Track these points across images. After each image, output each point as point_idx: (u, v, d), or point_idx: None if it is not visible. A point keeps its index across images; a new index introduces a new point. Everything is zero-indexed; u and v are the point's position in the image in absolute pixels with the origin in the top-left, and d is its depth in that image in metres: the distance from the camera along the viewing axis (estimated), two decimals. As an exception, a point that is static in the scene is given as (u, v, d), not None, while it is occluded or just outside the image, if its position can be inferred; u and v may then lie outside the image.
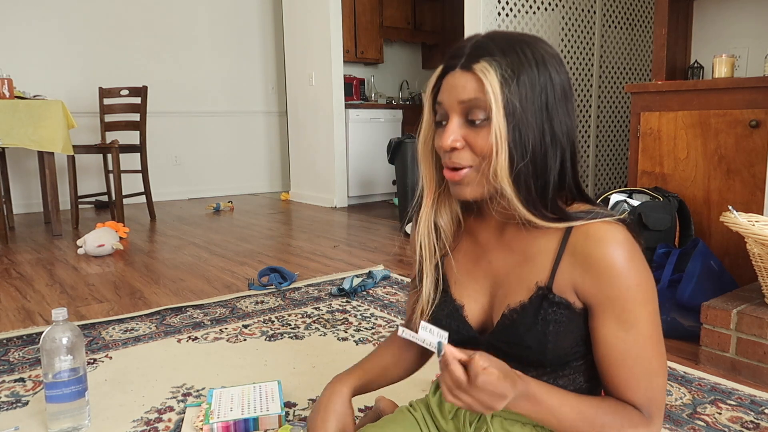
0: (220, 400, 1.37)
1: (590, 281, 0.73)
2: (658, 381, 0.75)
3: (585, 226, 0.74)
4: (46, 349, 1.26)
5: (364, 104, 5.32)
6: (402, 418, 0.95)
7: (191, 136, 5.55)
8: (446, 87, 0.75)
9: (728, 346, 1.61)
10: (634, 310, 0.72)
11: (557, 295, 0.76)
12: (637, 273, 0.72)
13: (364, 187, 5.24)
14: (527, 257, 0.79)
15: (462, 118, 0.74)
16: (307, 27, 4.98)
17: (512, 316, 0.79)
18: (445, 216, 0.86)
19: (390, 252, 3.16)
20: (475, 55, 0.72)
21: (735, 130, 2.17)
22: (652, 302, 0.73)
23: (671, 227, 2.18)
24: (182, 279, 2.64)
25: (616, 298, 0.72)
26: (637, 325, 0.72)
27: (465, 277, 0.86)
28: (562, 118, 0.74)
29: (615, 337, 0.73)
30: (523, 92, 0.71)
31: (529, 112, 0.71)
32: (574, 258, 0.74)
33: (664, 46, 2.50)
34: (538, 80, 0.72)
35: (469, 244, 0.87)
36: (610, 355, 0.74)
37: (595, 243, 0.72)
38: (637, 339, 0.73)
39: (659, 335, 0.74)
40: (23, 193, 4.73)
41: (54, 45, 4.76)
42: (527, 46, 0.73)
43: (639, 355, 0.73)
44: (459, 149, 0.74)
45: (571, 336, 0.77)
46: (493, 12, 3.41)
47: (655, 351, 0.74)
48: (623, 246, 0.71)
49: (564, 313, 0.76)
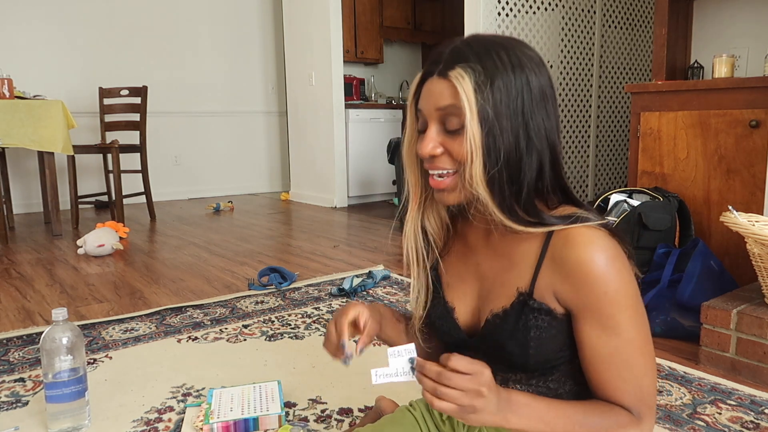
0: (220, 400, 1.37)
1: (569, 287, 0.73)
2: (646, 381, 0.74)
3: (565, 231, 0.73)
4: (46, 349, 1.26)
5: (364, 104, 5.32)
6: (402, 418, 0.96)
7: (191, 136, 5.55)
8: (425, 94, 0.77)
9: (728, 346, 1.61)
10: (615, 315, 0.71)
11: (538, 300, 0.76)
12: (616, 278, 0.71)
13: (364, 187, 5.24)
14: (512, 261, 0.79)
15: (440, 125, 0.75)
16: (307, 27, 4.98)
17: (495, 321, 0.79)
18: (433, 220, 0.87)
19: (390, 252, 3.16)
20: (452, 61, 0.73)
21: (735, 130, 2.17)
22: (633, 306, 0.72)
23: (671, 227, 2.18)
24: (182, 279, 2.64)
25: (596, 303, 0.71)
26: (619, 328, 0.72)
27: (456, 279, 0.87)
28: (539, 121, 0.74)
29: (597, 340, 0.73)
30: (498, 97, 0.71)
31: (503, 117, 0.71)
32: (553, 263, 0.74)
33: (664, 46, 2.50)
34: (513, 84, 0.72)
35: (459, 247, 0.88)
36: (594, 358, 0.74)
37: (573, 248, 0.72)
38: (620, 342, 0.72)
39: (645, 336, 0.74)
40: (23, 193, 4.73)
41: (54, 45, 4.76)
42: (504, 50, 0.73)
43: (624, 358, 0.73)
44: (438, 156, 0.76)
45: (554, 341, 0.77)
46: (493, 12, 3.41)
47: (640, 352, 0.73)
48: (602, 250, 0.71)
49: (545, 318, 0.75)
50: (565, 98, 3.86)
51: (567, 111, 3.90)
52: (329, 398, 1.46)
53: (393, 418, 0.96)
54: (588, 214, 0.75)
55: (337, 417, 1.37)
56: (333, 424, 1.34)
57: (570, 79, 3.86)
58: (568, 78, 3.85)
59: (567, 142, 3.93)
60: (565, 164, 3.89)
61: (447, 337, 0.88)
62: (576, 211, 0.76)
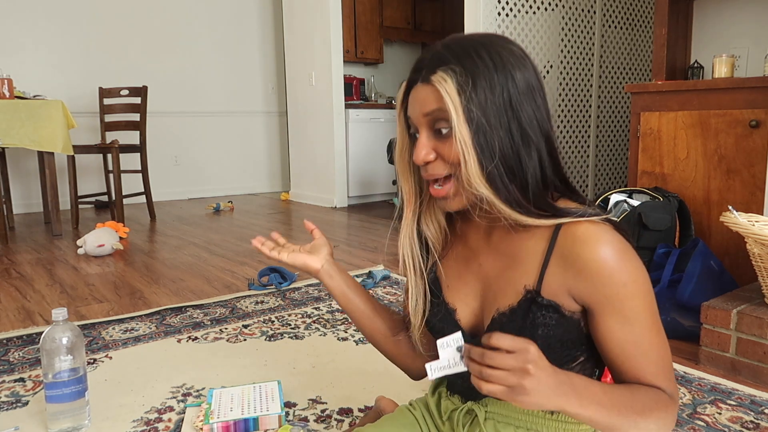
0: (220, 400, 1.37)
1: (585, 283, 0.73)
2: (667, 358, 0.76)
3: (572, 228, 0.73)
4: (46, 349, 1.26)
5: (364, 104, 5.32)
6: (402, 417, 0.96)
7: (191, 136, 5.55)
8: (411, 101, 0.78)
9: (728, 346, 1.61)
10: (634, 305, 0.72)
11: (546, 298, 0.76)
12: (629, 268, 0.72)
13: (364, 187, 5.24)
14: (516, 260, 0.79)
15: (430, 131, 0.76)
16: (307, 27, 4.98)
17: (501, 320, 0.79)
18: (431, 225, 0.88)
19: (390, 252, 3.16)
20: (433, 66, 0.74)
21: (735, 130, 2.17)
22: (649, 293, 0.74)
23: (671, 227, 2.18)
24: (182, 279, 2.64)
25: (614, 296, 0.72)
26: (640, 316, 0.73)
27: (456, 280, 0.87)
28: (530, 112, 0.74)
29: (621, 332, 0.74)
30: (482, 95, 0.71)
31: (491, 114, 0.72)
32: (564, 261, 0.74)
33: (664, 46, 2.50)
34: (497, 81, 0.72)
35: (459, 248, 0.87)
36: (621, 349, 0.74)
37: (584, 244, 0.72)
38: (643, 329, 0.73)
39: (659, 322, 0.76)
40: (23, 193, 4.73)
41: (54, 45, 4.76)
42: (483, 48, 0.73)
43: (648, 342, 0.74)
44: (432, 161, 0.76)
45: (562, 340, 0.77)
46: (493, 12, 3.41)
47: (657, 331, 0.75)
48: (612, 244, 0.71)
49: (553, 316, 0.75)
50: (565, 98, 3.86)
51: (567, 111, 3.89)
52: (329, 398, 1.46)
53: (393, 418, 0.96)
54: (592, 209, 0.75)
55: (337, 417, 1.37)
56: (333, 424, 1.34)
57: (570, 79, 3.86)
58: (568, 78, 3.85)
59: (567, 142, 3.93)
60: (565, 164, 3.90)
61: None
62: (580, 207, 0.76)
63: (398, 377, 1.56)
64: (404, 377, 1.04)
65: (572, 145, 3.97)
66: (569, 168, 3.98)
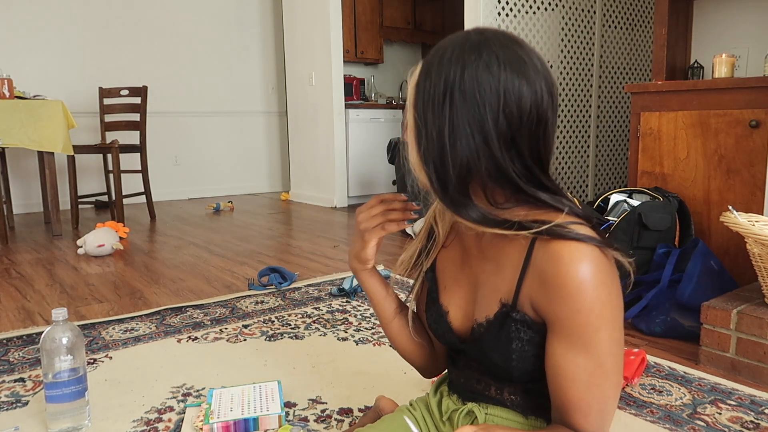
0: (220, 400, 1.37)
1: (544, 297, 0.70)
2: (609, 406, 0.71)
3: (548, 241, 0.70)
4: (46, 349, 1.26)
5: (364, 104, 5.32)
6: (402, 417, 0.96)
7: (191, 136, 5.55)
8: None
9: (728, 346, 1.61)
10: (587, 334, 0.68)
11: (521, 312, 0.74)
12: (592, 296, 0.67)
13: (364, 187, 5.24)
14: (499, 266, 0.78)
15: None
16: (307, 27, 4.98)
17: (480, 330, 0.79)
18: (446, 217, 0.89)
19: (390, 252, 3.16)
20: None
21: (735, 130, 2.17)
22: (610, 327, 0.68)
23: (671, 227, 2.18)
24: (182, 279, 2.64)
25: (567, 319, 0.68)
26: (589, 349, 0.68)
27: (452, 282, 0.87)
28: (471, 110, 0.69)
29: (563, 357, 0.69)
30: (428, 86, 0.72)
31: (429, 108, 0.72)
32: (534, 272, 0.72)
33: (664, 46, 2.50)
34: (449, 74, 0.70)
35: (458, 249, 0.88)
36: (558, 375, 0.70)
37: (553, 259, 0.69)
38: (587, 363, 0.68)
39: (616, 360, 0.70)
40: (23, 193, 4.73)
41: (54, 45, 4.76)
42: (452, 46, 0.72)
43: (588, 380, 0.69)
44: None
45: (537, 355, 0.74)
46: (493, 12, 3.41)
47: (608, 375, 0.69)
48: (584, 266, 0.67)
49: (527, 331, 0.74)
50: (565, 98, 3.86)
51: (567, 111, 3.89)
52: (329, 398, 1.46)
53: (393, 418, 0.96)
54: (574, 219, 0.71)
55: (337, 417, 1.37)
56: (333, 424, 1.34)
57: (570, 79, 3.86)
58: (568, 78, 3.85)
59: (567, 142, 3.93)
60: (565, 164, 3.91)
61: (442, 339, 0.89)
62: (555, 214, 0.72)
63: (398, 377, 1.56)
64: (404, 377, 1.05)
65: (572, 145, 3.97)
66: (569, 168, 3.98)
